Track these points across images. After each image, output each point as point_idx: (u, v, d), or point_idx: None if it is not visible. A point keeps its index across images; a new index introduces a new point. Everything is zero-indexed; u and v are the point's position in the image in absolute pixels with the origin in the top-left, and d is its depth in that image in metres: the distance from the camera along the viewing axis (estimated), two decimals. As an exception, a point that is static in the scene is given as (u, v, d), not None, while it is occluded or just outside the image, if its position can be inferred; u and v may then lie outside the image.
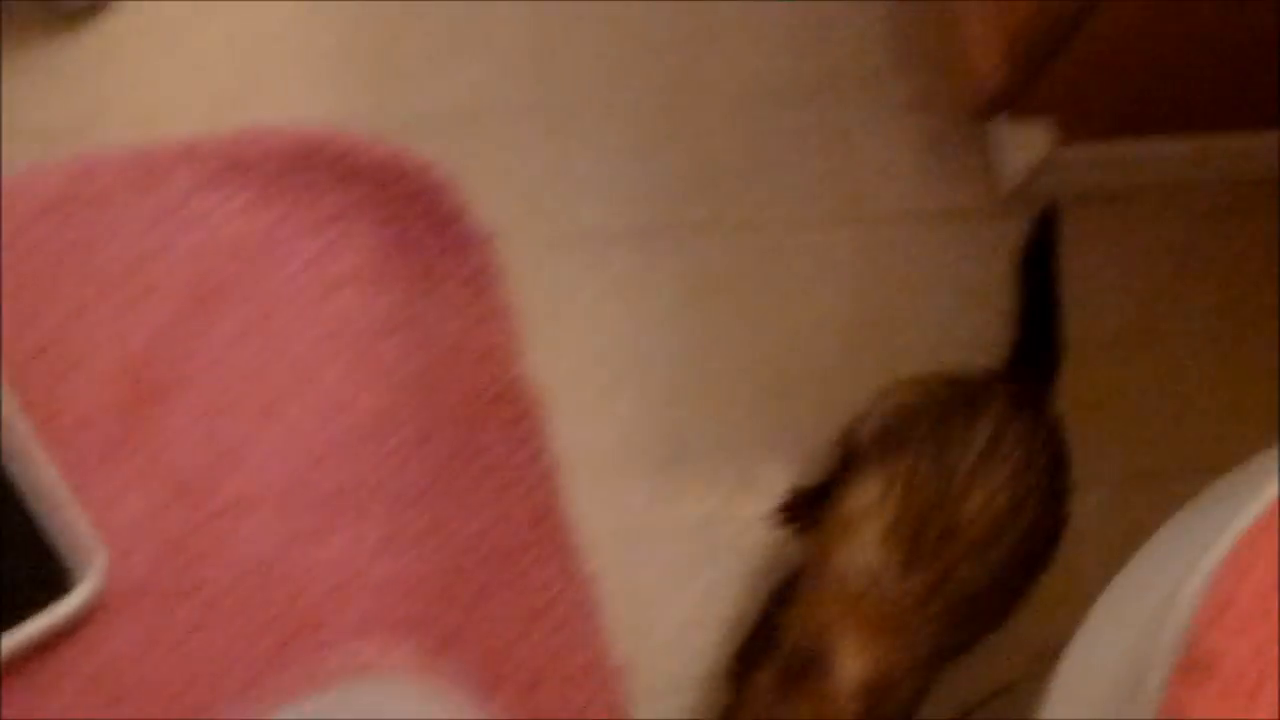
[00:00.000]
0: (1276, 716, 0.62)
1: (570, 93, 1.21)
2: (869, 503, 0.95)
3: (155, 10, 1.18)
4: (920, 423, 0.98)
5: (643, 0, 1.24)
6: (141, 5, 1.18)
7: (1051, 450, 1.00)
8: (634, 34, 1.24)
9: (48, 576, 0.98)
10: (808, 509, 1.04)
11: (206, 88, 1.17)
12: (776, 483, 1.09)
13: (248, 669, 0.99)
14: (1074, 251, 1.16)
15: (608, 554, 1.06)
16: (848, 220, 1.19)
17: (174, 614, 1.01)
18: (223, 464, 1.05)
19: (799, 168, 1.20)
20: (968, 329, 1.15)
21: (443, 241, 1.11)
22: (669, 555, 1.08)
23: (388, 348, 1.10)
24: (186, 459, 1.05)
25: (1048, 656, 0.82)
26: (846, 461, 1.02)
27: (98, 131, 1.14)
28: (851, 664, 0.90)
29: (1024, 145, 1.15)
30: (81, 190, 1.11)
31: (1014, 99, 1.11)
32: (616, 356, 1.13)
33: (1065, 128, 1.13)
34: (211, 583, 1.02)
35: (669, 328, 1.14)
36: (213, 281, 1.10)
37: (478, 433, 1.08)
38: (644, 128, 1.21)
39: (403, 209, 1.12)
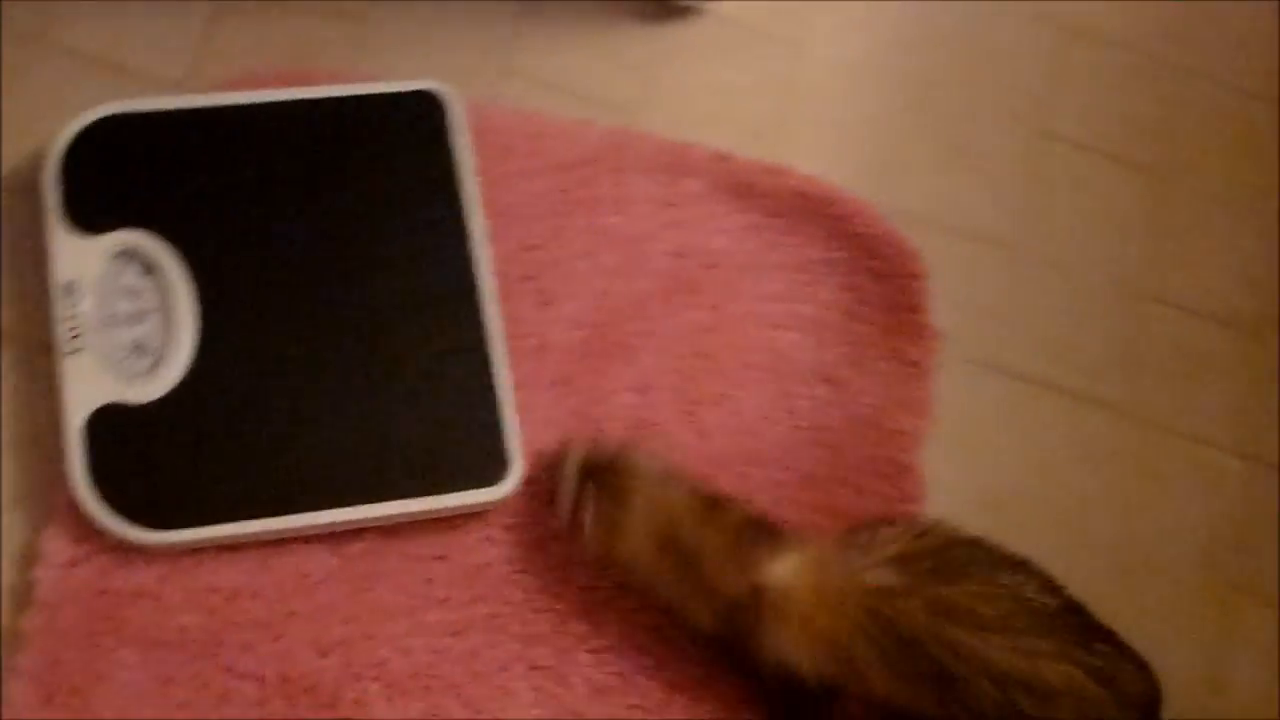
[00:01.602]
0: None
1: (1046, 239, 1.31)
2: None
3: (731, 28, 1.32)
4: None
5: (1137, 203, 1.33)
6: (723, 20, 1.31)
7: None
8: (1116, 212, 1.33)
9: (491, 458, 1.11)
10: None
11: (742, 113, 1.29)
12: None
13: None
14: None
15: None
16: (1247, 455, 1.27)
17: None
18: (632, 436, 1.17)
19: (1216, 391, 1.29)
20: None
21: (897, 323, 1.22)
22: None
23: (807, 395, 1.21)
24: (607, 421, 1.18)
25: None
26: None
27: (640, 115, 1.27)
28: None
29: None
30: (611, 157, 1.24)
31: None
32: (996, 484, 1.22)
33: None
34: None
35: (1052, 483, 1.23)
36: (687, 278, 1.22)
37: (860, 498, 1.18)
38: (1094, 296, 1.30)
39: (874, 282, 1.23)
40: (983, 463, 1.23)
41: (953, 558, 1.05)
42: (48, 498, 1.07)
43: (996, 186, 1.32)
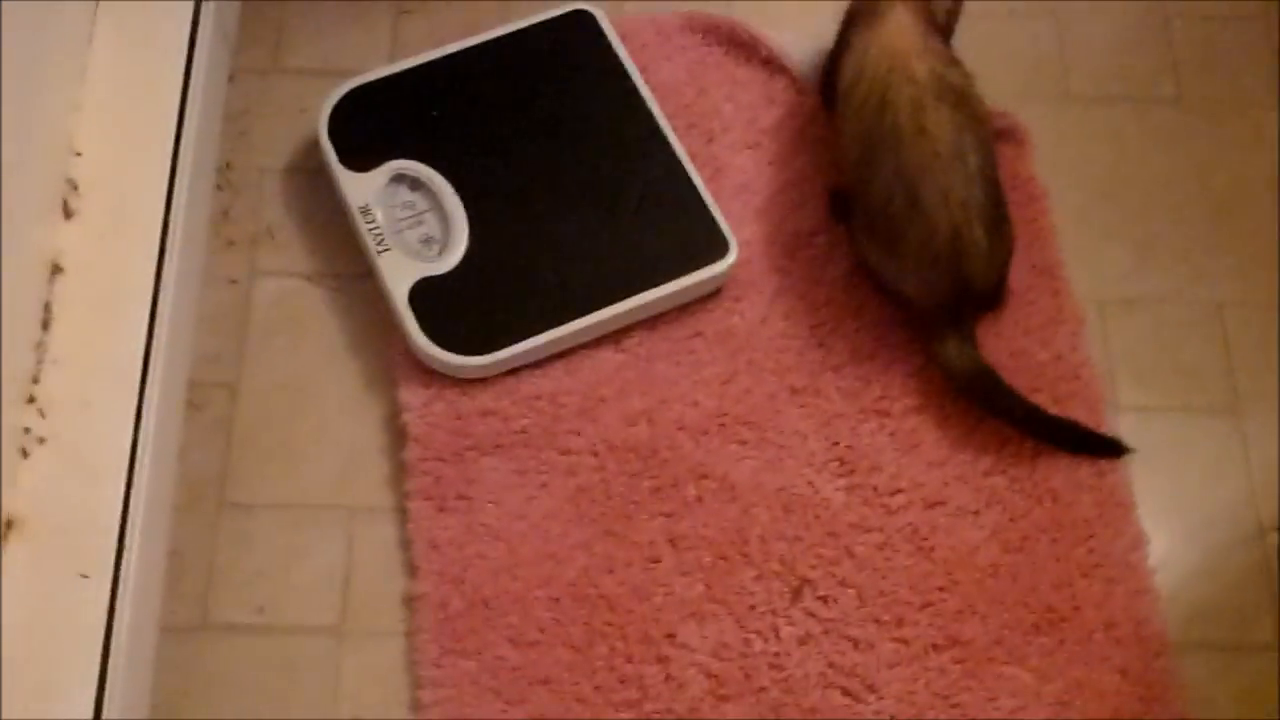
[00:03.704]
0: None
1: None
2: None
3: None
4: None
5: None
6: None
7: None
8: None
9: (713, 242, 1.42)
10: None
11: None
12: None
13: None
14: None
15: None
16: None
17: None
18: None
19: None
20: None
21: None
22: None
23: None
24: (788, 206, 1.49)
25: None
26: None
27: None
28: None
29: None
30: (716, 32, 1.57)
31: None
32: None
33: None
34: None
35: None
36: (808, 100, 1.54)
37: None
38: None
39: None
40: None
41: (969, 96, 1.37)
42: (393, 367, 1.38)
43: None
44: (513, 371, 1.39)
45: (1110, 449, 1.37)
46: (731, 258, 1.42)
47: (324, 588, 1.31)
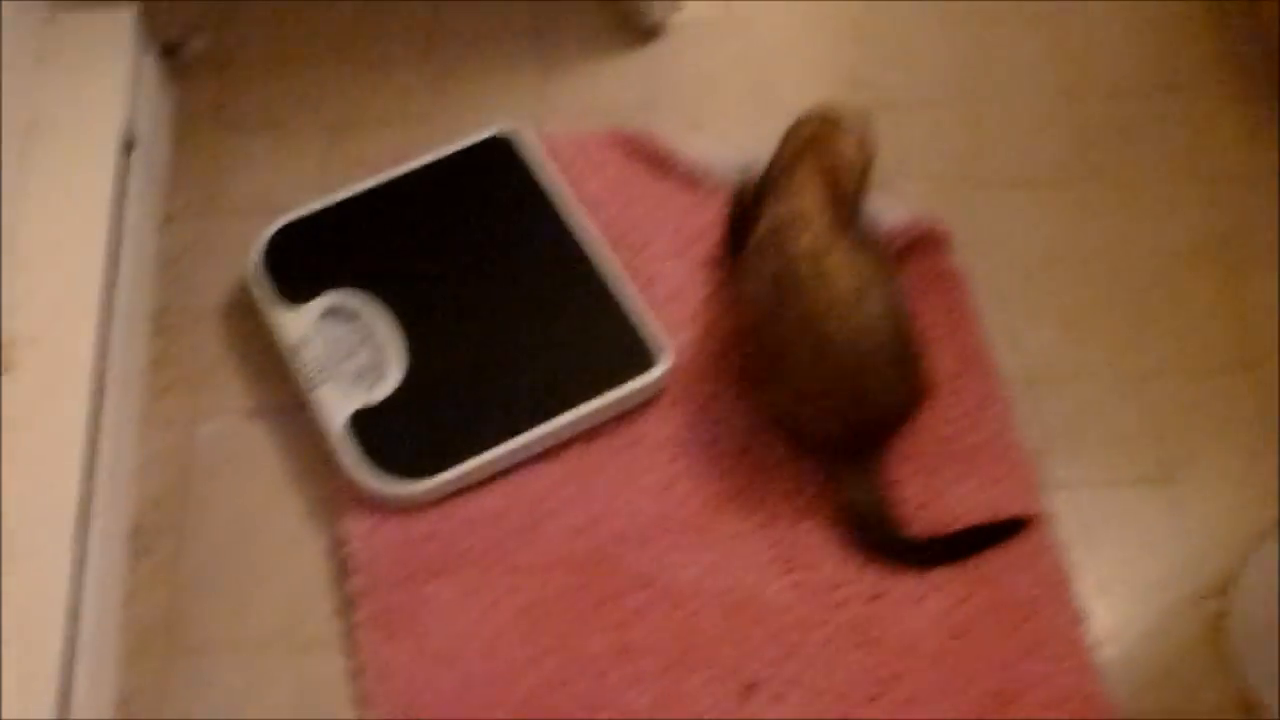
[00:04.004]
0: None
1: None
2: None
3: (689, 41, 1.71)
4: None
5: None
6: (684, 31, 1.71)
7: None
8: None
9: (640, 354, 1.44)
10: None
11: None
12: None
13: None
14: None
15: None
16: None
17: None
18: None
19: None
20: None
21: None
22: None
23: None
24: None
25: None
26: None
27: (650, 115, 1.65)
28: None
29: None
30: (636, 146, 1.61)
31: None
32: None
33: None
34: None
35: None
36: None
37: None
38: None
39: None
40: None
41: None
42: (336, 497, 1.40)
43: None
44: (455, 493, 1.40)
45: (1014, 528, 1.39)
46: (663, 367, 1.44)
47: (278, 726, 1.32)
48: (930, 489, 1.41)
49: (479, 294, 1.48)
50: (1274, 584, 1.32)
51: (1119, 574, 1.40)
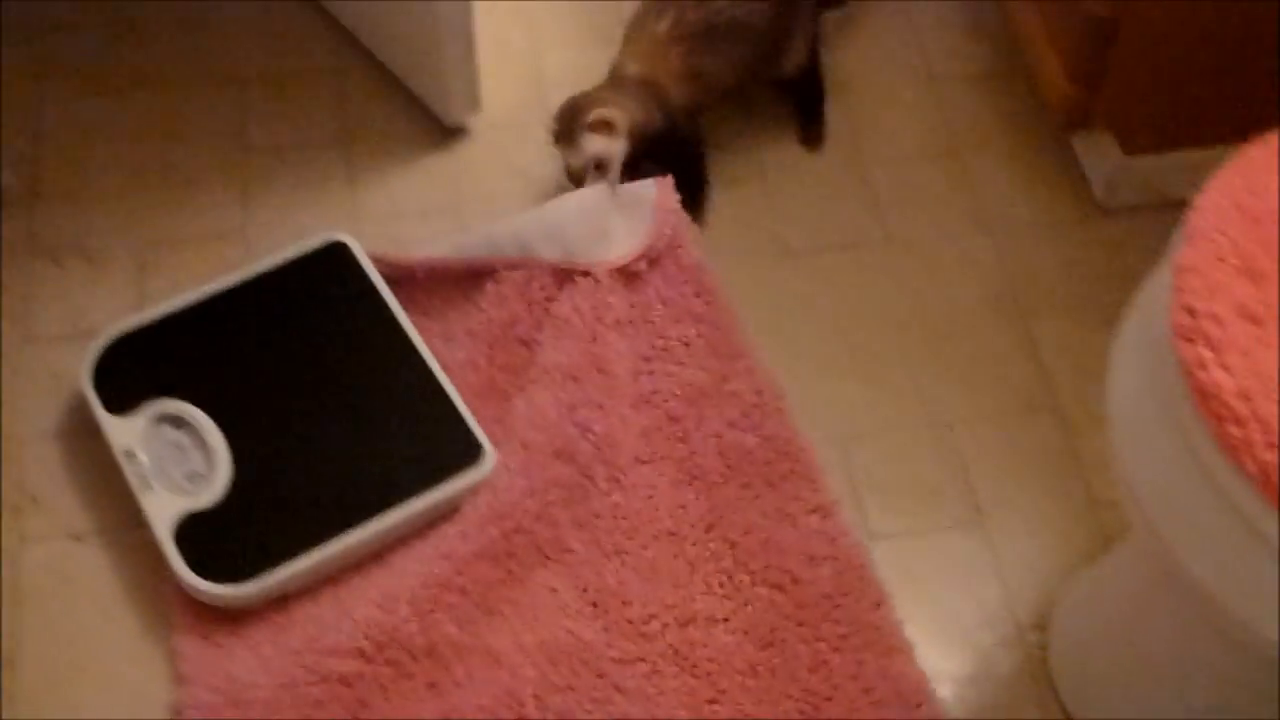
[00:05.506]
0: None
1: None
2: None
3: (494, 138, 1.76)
4: None
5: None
6: (484, 131, 1.76)
7: None
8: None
9: (467, 448, 1.47)
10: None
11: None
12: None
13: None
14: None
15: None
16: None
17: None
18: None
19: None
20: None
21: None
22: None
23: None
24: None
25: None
26: None
27: (460, 213, 1.69)
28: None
29: (1097, 157, 1.62)
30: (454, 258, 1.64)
31: (1084, 115, 1.59)
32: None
33: (1127, 141, 1.60)
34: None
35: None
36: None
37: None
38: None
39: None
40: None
41: None
42: (169, 611, 1.41)
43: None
44: (284, 596, 1.42)
45: None
46: (486, 468, 1.47)
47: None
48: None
49: (307, 399, 1.52)
50: (1088, 614, 1.38)
51: (944, 617, 1.45)
